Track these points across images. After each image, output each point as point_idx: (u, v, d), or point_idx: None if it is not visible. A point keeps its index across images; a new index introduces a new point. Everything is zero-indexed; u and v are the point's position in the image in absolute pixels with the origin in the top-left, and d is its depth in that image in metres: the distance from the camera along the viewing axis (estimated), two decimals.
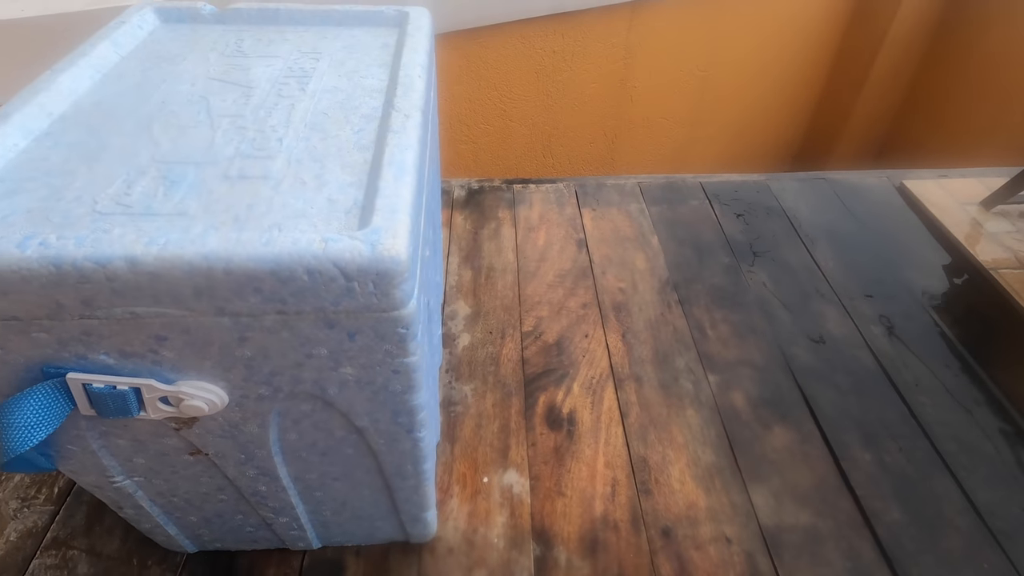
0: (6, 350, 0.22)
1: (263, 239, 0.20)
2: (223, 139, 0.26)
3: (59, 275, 0.19)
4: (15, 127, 0.25)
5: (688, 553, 0.40)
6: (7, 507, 0.36)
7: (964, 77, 1.54)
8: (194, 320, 0.21)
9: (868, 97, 1.75)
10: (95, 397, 0.23)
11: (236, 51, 0.34)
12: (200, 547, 0.39)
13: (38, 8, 0.89)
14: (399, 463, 0.31)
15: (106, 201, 0.23)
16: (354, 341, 0.23)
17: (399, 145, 0.25)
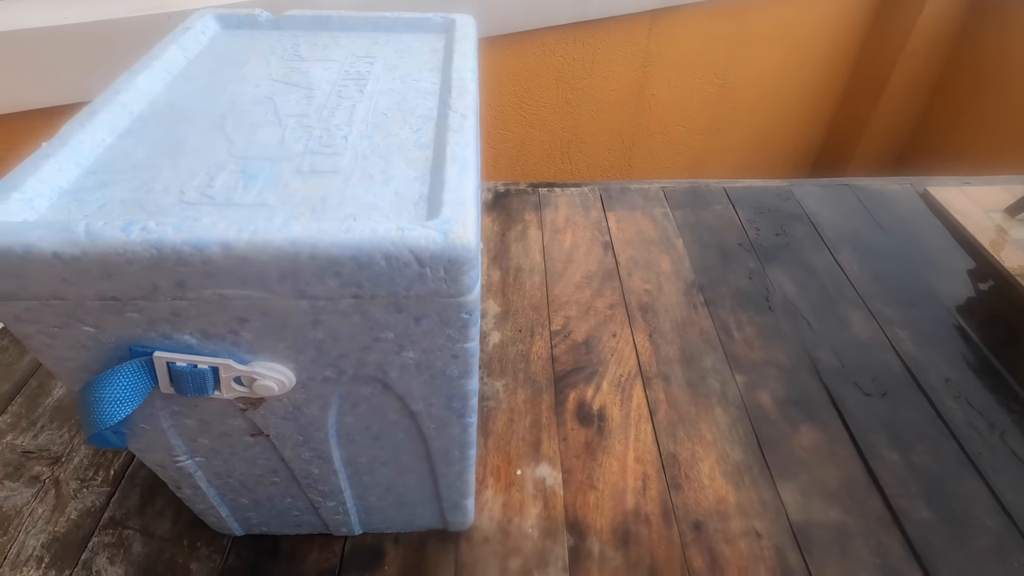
0: (99, 329, 0.23)
1: (343, 227, 0.21)
2: (292, 137, 0.28)
3: (159, 258, 0.21)
4: (101, 124, 0.27)
5: (719, 547, 0.41)
6: (68, 487, 0.38)
7: (983, 86, 1.54)
8: (275, 303, 0.23)
9: (887, 106, 1.75)
10: (177, 375, 0.24)
11: (294, 55, 0.36)
12: (247, 531, 0.40)
13: (81, 15, 0.92)
14: (447, 448, 0.32)
15: (191, 192, 0.24)
16: (419, 325, 0.24)
17: (459, 143, 0.27)
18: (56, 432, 0.40)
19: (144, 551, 0.38)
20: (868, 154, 1.86)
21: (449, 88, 0.31)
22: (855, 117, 1.83)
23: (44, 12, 0.92)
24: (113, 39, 0.91)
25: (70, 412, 0.41)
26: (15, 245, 0.20)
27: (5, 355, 0.42)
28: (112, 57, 0.93)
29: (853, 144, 1.87)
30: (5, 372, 0.41)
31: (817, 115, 1.88)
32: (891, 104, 1.74)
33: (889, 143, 1.85)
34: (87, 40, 0.91)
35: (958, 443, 0.48)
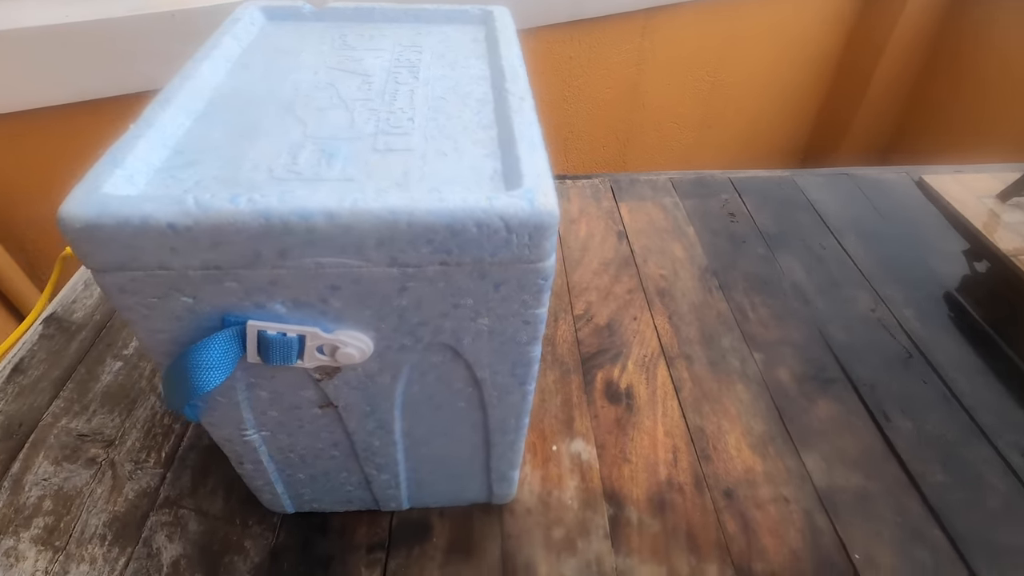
0: (197, 299, 0.25)
1: (437, 196, 0.23)
2: (361, 119, 0.29)
3: (267, 227, 0.22)
4: (179, 108, 0.28)
5: (751, 512, 0.43)
6: (123, 468, 0.39)
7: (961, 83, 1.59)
8: (367, 271, 0.24)
9: (870, 103, 1.80)
10: (266, 343, 0.26)
11: (343, 45, 0.37)
12: (297, 508, 0.41)
13: (83, 14, 0.92)
14: (504, 417, 0.34)
15: (279, 169, 0.26)
16: (498, 291, 0.26)
17: (523, 123, 0.28)
18: (107, 416, 0.40)
19: (199, 529, 0.39)
20: (853, 148, 1.91)
21: (501, 74, 0.33)
22: (840, 113, 1.88)
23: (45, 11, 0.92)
24: (116, 38, 0.91)
25: (118, 398, 0.42)
26: (132, 216, 0.21)
27: (52, 342, 0.42)
28: (116, 55, 0.93)
29: (838, 139, 1.92)
30: (54, 359, 0.41)
31: (804, 112, 1.93)
32: (874, 100, 1.79)
33: (873, 137, 1.91)
34: (89, 39, 0.91)
35: (967, 413, 0.50)
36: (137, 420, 0.41)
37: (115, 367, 0.43)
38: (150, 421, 0.42)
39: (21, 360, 0.40)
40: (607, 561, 0.40)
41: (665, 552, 0.41)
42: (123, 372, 0.43)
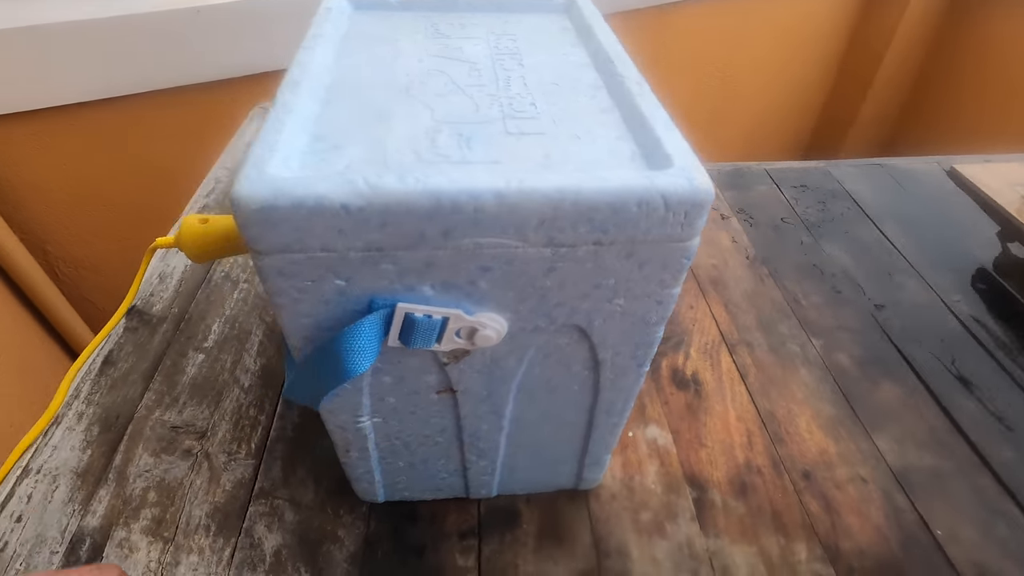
0: (349, 282, 0.25)
1: (598, 175, 0.23)
2: (484, 104, 0.30)
3: (437, 207, 0.22)
4: (307, 94, 0.28)
5: (830, 492, 0.44)
6: (217, 460, 0.39)
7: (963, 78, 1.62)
8: (521, 251, 0.24)
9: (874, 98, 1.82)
10: (412, 326, 0.26)
11: (437, 33, 0.37)
12: (388, 496, 0.41)
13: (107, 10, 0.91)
14: (613, 400, 0.34)
15: (424, 152, 0.26)
16: (641, 271, 0.26)
17: (649, 105, 0.29)
18: (197, 408, 0.40)
19: (295, 519, 0.39)
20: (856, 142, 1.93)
21: (608, 60, 0.33)
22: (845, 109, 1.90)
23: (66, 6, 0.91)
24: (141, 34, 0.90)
25: (205, 389, 0.42)
26: (307, 197, 0.22)
27: (137, 335, 0.42)
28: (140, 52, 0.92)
29: (842, 134, 1.94)
30: (141, 351, 0.41)
31: (810, 107, 1.95)
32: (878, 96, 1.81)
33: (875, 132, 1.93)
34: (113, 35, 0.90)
35: (1022, 389, 0.52)
36: (225, 412, 0.41)
37: (198, 359, 0.43)
38: (237, 413, 0.42)
39: (110, 352, 0.40)
40: (697, 543, 0.41)
41: (753, 533, 0.41)
42: (206, 364, 0.43)
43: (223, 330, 0.45)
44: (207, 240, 0.37)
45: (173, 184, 1.07)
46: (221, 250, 0.38)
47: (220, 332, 0.45)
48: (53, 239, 1.05)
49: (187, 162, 1.06)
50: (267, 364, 0.46)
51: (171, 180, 1.06)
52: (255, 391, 0.44)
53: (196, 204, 0.53)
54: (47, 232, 1.04)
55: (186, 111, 1.00)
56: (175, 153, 1.04)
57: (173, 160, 1.05)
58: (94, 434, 0.36)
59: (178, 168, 1.06)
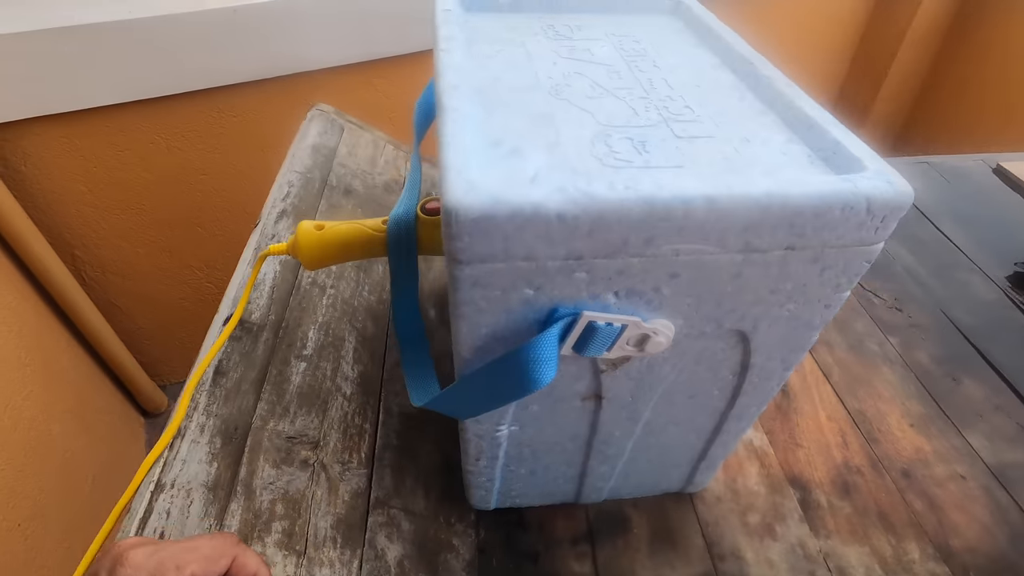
0: (538, 292, 0.24)
1: (805, 180, 0.23)
2: (639, 107, 0.29)
3: (648, 213, 0.22)
4: (467, 99, 0.28)
5: (932, 490, 0.44)
6: (333, 470, 0.38)
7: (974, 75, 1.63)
8: (714, 257, 0.24)
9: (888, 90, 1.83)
10: (591, 334, 0.25)
11: (556, 34, 0.37)
12: (499, 504, 0.41)
13: (142, 10, 0.90)
14: (749, 404, 0.34)
15: (606, 157, 0.25)
16: (822, 275, 0.26)
17: (808, 106, 0.28)
18: (307, 418, 0.40)
19: (411, 528, 0.38)
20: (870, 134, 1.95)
21: (743, 60, 0.33)
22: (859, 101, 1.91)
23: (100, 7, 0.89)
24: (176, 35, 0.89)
25: (311, 398, 0.41)
26: (524, 206, 0.21)
27: (241, 344, 0.41)
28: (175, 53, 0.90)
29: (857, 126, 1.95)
30: (247, 361, 0.40)
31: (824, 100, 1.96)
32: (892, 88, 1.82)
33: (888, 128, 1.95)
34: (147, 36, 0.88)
35: None
36: (333, 421, 0.40)
37: (300, 367, 0.42)
38: (344, 422, 0.41)
39: (220, 363, 0.39)
40: (810, 544, 0.41)
41: (863, 533, 0.42)
42: (308, 372, 0.42)
43: (319, 337, 0.44)
44: (324, 247, 0.37)
45: (202, 187, 1.06)
46: (337, 256, 0.37)
47: (316, 339, 0.44)
48: (82, 243, 1.03)
49: (217, 165, 1.05)
50: (364, 371, 0.45)
51: (201, 183, 1.05)
52: (357, 399, 0.43)
53: (273, 209, 0.52)
54: (76, 236, 1.02)
55: (218, 113, 0.99)
56: (205, 156, 1.03)
57: (203, 163, 1.03)
58: (217, 446, 0.35)
59: (209, 171, 1.04)
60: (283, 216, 0.51)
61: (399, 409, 0.44)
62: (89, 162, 0.96)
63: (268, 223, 0.50)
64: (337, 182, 0.59)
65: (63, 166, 0.95)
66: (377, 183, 0.63)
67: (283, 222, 0.51)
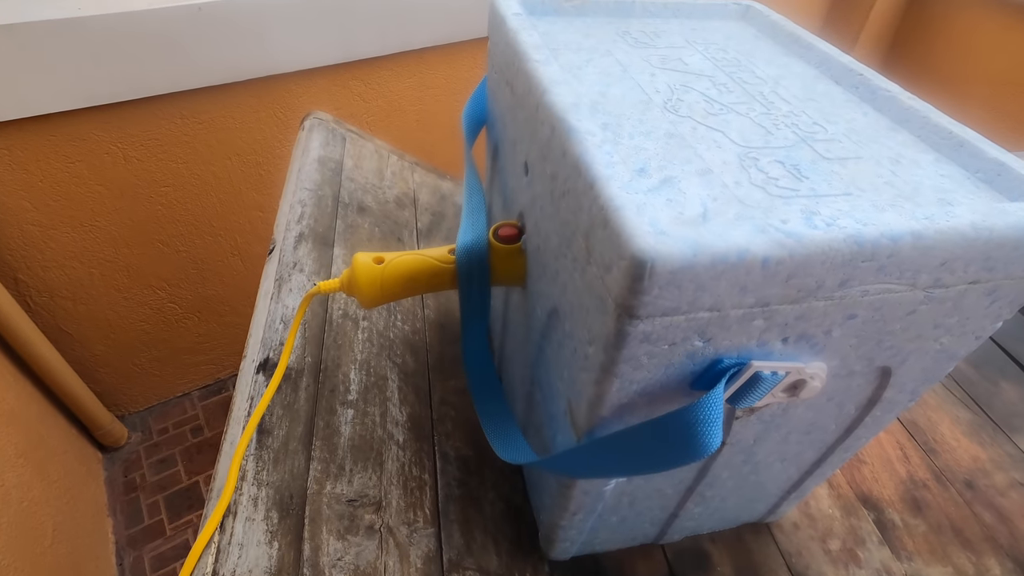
0: (709, 342, 0.21)
1: (1002, 210, 0.21)
2: (768, 125, 0.27)
3: (856, 253, 0.19)
4: (589, 119, 0.24)
5: (997, 500, 0.44)
6: (400, 533, 0.34)
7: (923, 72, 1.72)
8: (896, 296, 0.21)
9: None
10: (754, 384, 0.23)
11: (637, 42, 0.34)
12: (579, 552, 0.38)
13: (97, 7, 0.81)
14: (862, 435, 0.32)
15: (768, 186, 0.22)
16: (988, 308, 0.24)
17: (946, 122, 0.26)
18: (364, 474, 0.35)
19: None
20: None
21: (847, 71, 0.31)
22: None
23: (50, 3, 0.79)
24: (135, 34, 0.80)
25: (365, 451, 0.36)
26: (728, 252, 0.18)
27: (282, 394, 0.36)
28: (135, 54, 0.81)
29: None
30: (291, 413, 0.35)
31: None
32: None
33: None
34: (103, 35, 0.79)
35: None
36: (391, 475, 0.36)
37: (348, 415, 0.37)
38: (402, 474, 0.36)
39: (263, 420, 0.34)
40: (894, 568, 0.40)
41: (943, 551, 0.41)
42: (357, 420, 0.37)
43: (361, 378, 0.40)
44: (386, 283, 0.32)
45: (164, 200, 0.96)
46: (400, 293, 0.33)
47: (359, 381, 0.39)
48: (26, 266, 0.92)
49: (181, 176, 0.96)
50: (412, 413, 0.40)
51: (162, 196, 0.96)
52: (411, 446, 0.38)
53: (289, 233, 0.46)
54: (19, 258, 0.91)
55: (181, 120, 0.91)
56: (167, 167, 0.94)
57: (165, 174, 0.94)
58: (275, 521, 0.30)
59: (171, 182, 0.95)
60: (302, 240, 0.46)
61: (454, 453, 0.40)
62: (33, 176, 0.86)
63: (287, 249, 0.45)
64: (349, 199, 0.54)
65: (3, 181, 0.84)
66: (388, 198, 0.58)
67: (303, 247, 0.45)
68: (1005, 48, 1.46)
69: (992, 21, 1.49)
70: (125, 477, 1.10)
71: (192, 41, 0.84)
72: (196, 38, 0.84)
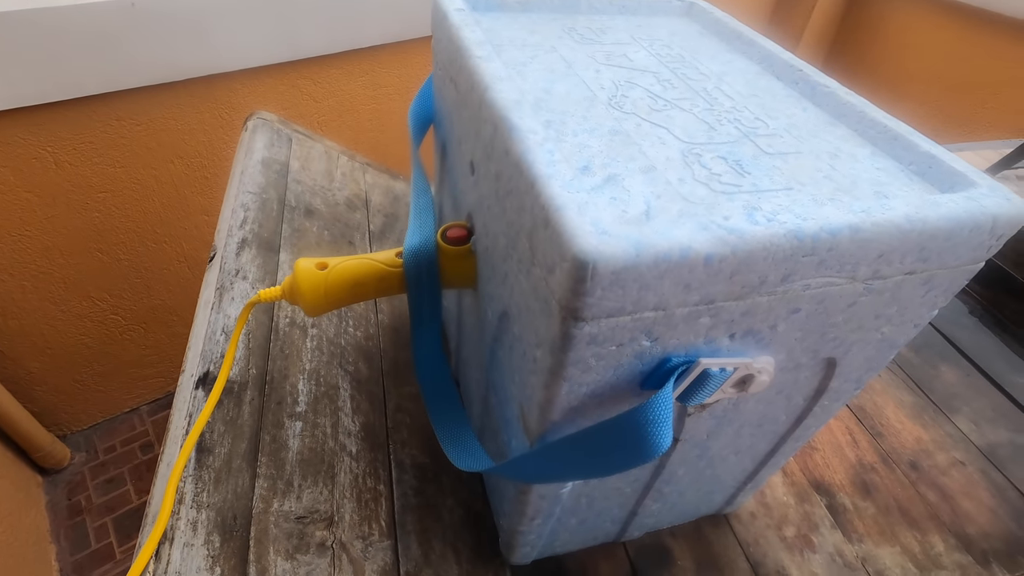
0: (656, 342, 0.21)
1: (934, 201, 0.21)
2: (712, 120, 0.27)
3: (797, 247, 0.19)
4: (532, 116, 0.24)
5: (939, 480, 0.46)
6: (355, 548, 0.32)
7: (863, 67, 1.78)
8: (837, 289, 0.22)
9: None
10: (703, 381, 0.22)
11: (583, 38, 0.33)
12: (540, 555, 0.37)
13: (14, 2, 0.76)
14: (811, 425, 0.32)
15: (711, 182, 0.22)
16: (925, 296, 0.24)
17: (883, 117, 0.27)
18: (315, 489, 0.33)
19: None
20: None
21: (788, 67, 0.31)
22: None
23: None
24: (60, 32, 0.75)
25: (315, 464, 0.35)
26: (671, 250, 0.18)
27: (223, 409, 0.34)
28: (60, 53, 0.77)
29: None
30: (234, 429, 0.33)
31: None
32: None
33: None
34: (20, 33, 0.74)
35: None
36: (344, 488, 0.34)
37: (296, 428, 0.36)
38: (356, 486, 0.35)
39: (203, 438, 0.32)
40: (847, 551, 0.41)
41: (891, 532, 0.42)
42: (307, 433, 0.36)
43: (310, 389, 0.38)
44: (331, 289, 0.31)
45: (102, 207, 0.91)
46: (346, 299, 0.31)
47: (308, 392, 0.38)
48: None
49: (120, 181, 0.91)
50: (366, 422, 0.39)
51: (100, 202, 0.91)
52: (364, 457, 0.37)
53: (231, 238, 0.44)
54: None
55: (117, 122, 0.86)
56: (104, 171, 0.89)
57: (102, 179, 0.89)
58: (216, 545, 0.28)
59: (109, 188, 0.90)
60: (245, 246, 0.44)
61: (411, 461, 0.39)
62: None
63: (228, 256, 0.43)
64: (296, 201, 0.52)
65: None
66: (338, 200, 0.56)
67: (246, 253, 0.43)
68: (937, 46, 1.54)
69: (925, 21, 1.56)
70: (69, 500, 1.04)
71: (126, 38, 0.80)
72: (130, 35, 0.80)
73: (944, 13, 1.50)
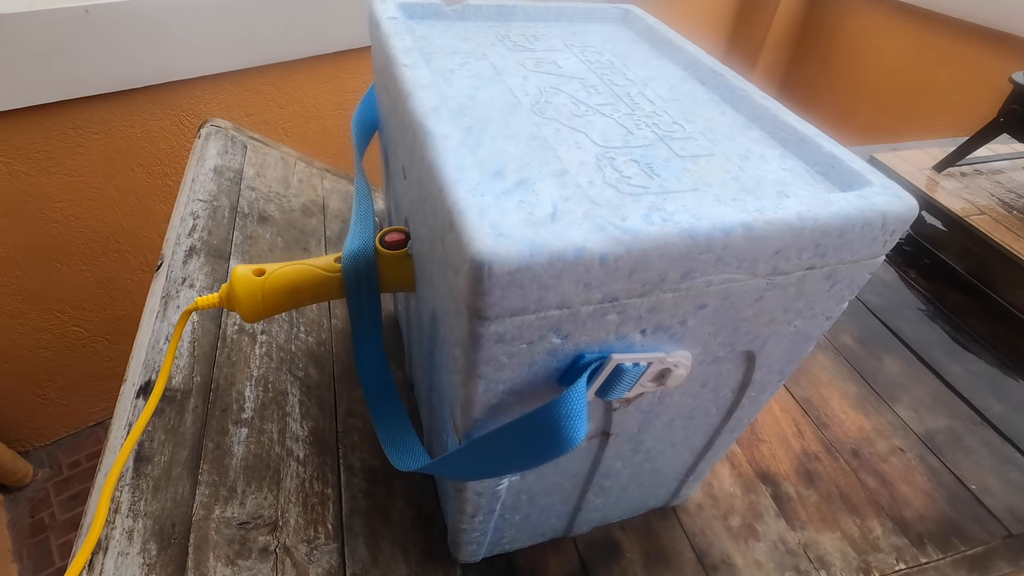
0: (567, 339, 0.22)
1: (827, 200, 0.22)
2: (631, 125, 0.28)
3: (691, 246, 0.20)
4: (451, 123, 0.24)
5: (879, 466, 0.47)
6: (299, 552, 0.33)
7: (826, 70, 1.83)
8: (741, 284, 0.23)
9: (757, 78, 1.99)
10: (618, 376, 0.23)
11: (515, 45, 0.34)
12: (488, 553, 0.38)
13: None
14: (743, 416, 0.34)
15: (620, 184, 0.23)
16: (830, 291, 0.26)
17: (793, 120, 0.28)
18: (259, 495, 0.34)
19: None
20: None
21: (711, 72, 0.32)
22: None
23: None
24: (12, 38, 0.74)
25: (260, 470, 0.35)
26: (565, 251, 0.18)
27: (164, 418, 0.34)
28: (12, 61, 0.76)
29: None
30: (175, 438, 0.33)
31: None
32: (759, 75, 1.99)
33: None
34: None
35: (991, 351, 0.59)
36: (290, 493, 0.35)
37: (242, 435, 0.36)
38: (302, 491, 0.35)
39: (141, 446, 0.32)
40: (789, 538, 0.42)
41: (832, 518, 0.43)
42: (252, 439, 0.36)
43: (258, 395, 0.38)
44: (269, 296, 0.31)
45: (59, 217, 0.90)
46: (284, 305, 0.32)
47: (255, 398, 0.38)
48: None
49: (78, 190, 0.90)
50: (315, 427, 0.39)
51: (57, 212, 0.89)
52: (312, 461, 0.37)
53: (179, 247, 0.44)
54: None
55: (74, 130, 0.85)
56: (61, 181, 0.88)
57: (59, 189, 0.88)
58: (152, 554, 0.28)
59: (66, 197, 0.89)
60: (193, 254, 0.44)
61: (361, 464, 0.39)
62: None
63: (175, 264, 0.42)
64: (249, 208, 0.52)
65: None
66: (294, 206, 0.56)
67: (193, 261, 0.43)
68: (895, 48, 1.58)
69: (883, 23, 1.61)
70: (32, 518, 1.02)
71: (80, 46, 0.79)
72: (85, 43, 0.79)
73: (901, 16, 1.55)
